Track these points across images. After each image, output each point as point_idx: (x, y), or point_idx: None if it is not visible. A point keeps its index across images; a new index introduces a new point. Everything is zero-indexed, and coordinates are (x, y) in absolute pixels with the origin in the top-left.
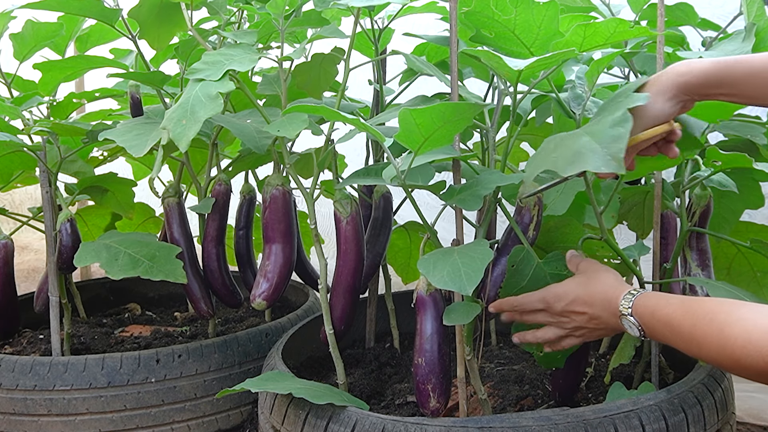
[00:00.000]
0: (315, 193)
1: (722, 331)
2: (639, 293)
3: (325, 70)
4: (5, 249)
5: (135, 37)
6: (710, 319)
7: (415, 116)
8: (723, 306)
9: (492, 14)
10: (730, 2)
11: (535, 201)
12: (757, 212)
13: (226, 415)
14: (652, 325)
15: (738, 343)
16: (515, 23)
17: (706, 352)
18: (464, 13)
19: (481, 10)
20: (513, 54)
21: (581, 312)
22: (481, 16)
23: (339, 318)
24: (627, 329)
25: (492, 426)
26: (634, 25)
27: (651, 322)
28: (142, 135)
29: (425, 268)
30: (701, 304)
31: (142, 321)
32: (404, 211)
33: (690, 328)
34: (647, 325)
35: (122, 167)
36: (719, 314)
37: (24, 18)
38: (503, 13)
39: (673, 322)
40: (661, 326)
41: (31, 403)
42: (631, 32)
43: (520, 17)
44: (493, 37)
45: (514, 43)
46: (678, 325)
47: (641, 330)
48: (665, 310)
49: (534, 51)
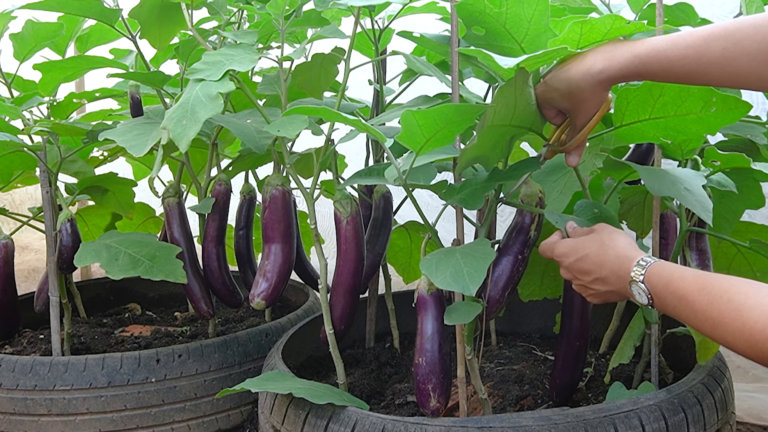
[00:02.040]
0: (315, 193)
1: (740, 313)
2: (653, 261)
3: (326, 70)
4: (5, 249)
5: (135, 37)
6: (728, 299)
7: (417, 117)
8: (741, 286)
9: (483, 7)
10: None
11: (537, 201)
12: (757, 212)
13: (226, 415)
14: (664, 297)
15: (757, 327)
16: (506, 17)
17: (721, 333)
18: (456, 5)
19: (472, 2)
20: (504, 51)
21: (588, 271)
22: (473, 8)
23: (339, 318)
24: (635, 296)
25: (492, 426)
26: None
27: (663, 293)
28: (142, 135)
29: (428, 269)
30: (718, 282)
31: (143, 321)
32: (404, 211)
33: (705, 306)
34: (658, 295)
35: (122, 167)
36: (737, 295)
37: (24, 18)
38: (494, 6)
39: (687, 297)
40: (673, 299)
41: (32, 403)
42: (627, 28)
43: (510, 10)
44: (485, 35)
45: (505, 38)
46: (692, 301)
47: (650, 299)
48: (680, 283)
49: (525, 47)
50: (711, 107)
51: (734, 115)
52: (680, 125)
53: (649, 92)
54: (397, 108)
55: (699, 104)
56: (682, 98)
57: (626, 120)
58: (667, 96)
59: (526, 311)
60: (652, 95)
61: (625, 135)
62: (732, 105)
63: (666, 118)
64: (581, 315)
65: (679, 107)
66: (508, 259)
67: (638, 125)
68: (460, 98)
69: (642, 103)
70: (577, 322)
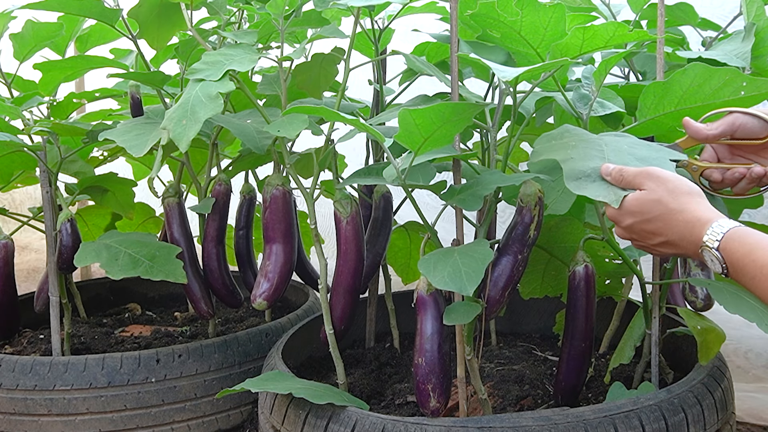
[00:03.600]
0: (315, 193)
1: None
2: (730, 227)
3: (325, 70)
4: (6, 249)
5: (135, 37)
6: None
7: (414, 116)
8: None
9: (497, 16)
10: (730, 2)
11: (536, 201)
12: (757, 212)
13: (226, 415)
14: (744, 265)
15: None
16: (521, 25)
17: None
18: (470, 15)
19: (486, 12)
20: (520, 54)
21: (655, 233)
22: (486, 17)
23: (339, 318)
24: (707, 262)
25: (492, 426)
26: (633, 29)
27: (744, 261)
28: (142, 135)
29: (426, 269)
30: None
31: (143, 321)
32: (404, 211)
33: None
34: (736, 263)
35: (122, 167)
36: None
37: (24, 18)
38: (509, 15)
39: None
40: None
41: (32, 403)
42: (630, 36)
43: (526, 19)
44: (500, 37)
45: (520, 44)
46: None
47: (725, 267)
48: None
49: (540, 51)
50: (740, 91)
51: (762, 96)
52: (704, 113)
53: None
54: (397, 108)
55: (728, 90)
56: (711, 86)
57: (651, 113)
58: (695, 85)
59: (526, 311)
60: (681, 86)
61: (647, 129)
62: (762, 86)
63: (692, 107)
64: (586, 316)
65: (708, 95)
66: (507, 259)
67: (662, 118)
68: (459, 98)
69: (669, 95)
70: (582, 323)
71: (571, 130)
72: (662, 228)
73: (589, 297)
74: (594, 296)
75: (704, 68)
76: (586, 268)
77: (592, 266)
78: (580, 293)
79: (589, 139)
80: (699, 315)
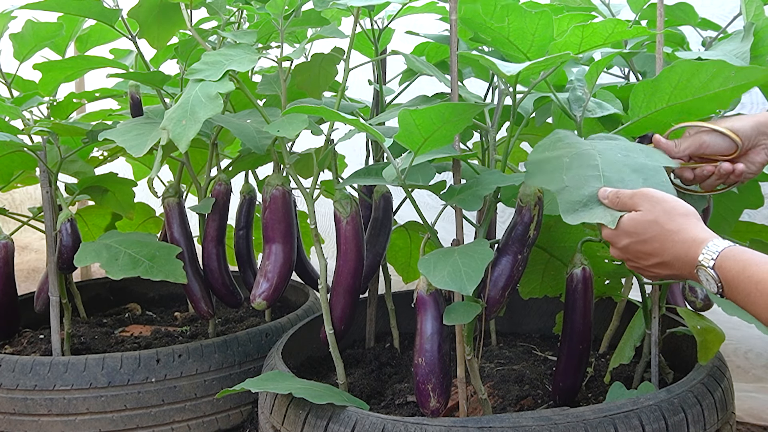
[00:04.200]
0: (315, 193)
1: None
2: (725, 246)
3: (325, 70)
4: (6, 249)
5: (135, 37)
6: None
7: (414, 117)
8: None
9: (484, 21)
10: (730, 2)
11: (536, 201)
12: (757, 212)
13: (226, 415)
14: (739, 282)
15: None
16: (509, 30)
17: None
18: (459, 19)
19: (472, 17)
20: (510, 57)
21: (650, 254)
22: (474, 22)
23: (339, 318)
24: (702, 282)
25: (492, 426)
26: (632, 26)
27: (739, 278)
28: (142, 135)
29: (426, 269)
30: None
31: (143, 321)
32: (404, 211)
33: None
34: (732, 281)
35: (122, 167)
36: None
37: (24, 18)
38: (495, 21)
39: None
40: (749, 285)
41: (32, 403)
42: (629, 32)
43: (513, 25)
44: (491, 41)
45: (510, 48)
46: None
47: (720, 286)
48: (759, 268)
49: (530, 55)
50: (730, 81)
51: (749, 85)
52: (695, 105)
53: (666, 79)
54: (397, 108)
55: (717, 82)
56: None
57: (642, 112)
58: (684, 80)
59: (526, 311)
60: (670, 82)
61: (639, 127)
62: (750, 74)
63: (683, 102)
64: (584, 317)
65: (698, 88)
66: (507, 259)
67: (654, 115)
68: (459, 98)
69: (659, 92)
70: (579, 325)
71: (563, 138)
72: (658, 249)
73: (586, 299)
74: (591, 298)
75: (690, 63)
76: (584, 270)
77: (590, 269)
78: (577, 295)
79: (582, 151)
80: (699, 315)
